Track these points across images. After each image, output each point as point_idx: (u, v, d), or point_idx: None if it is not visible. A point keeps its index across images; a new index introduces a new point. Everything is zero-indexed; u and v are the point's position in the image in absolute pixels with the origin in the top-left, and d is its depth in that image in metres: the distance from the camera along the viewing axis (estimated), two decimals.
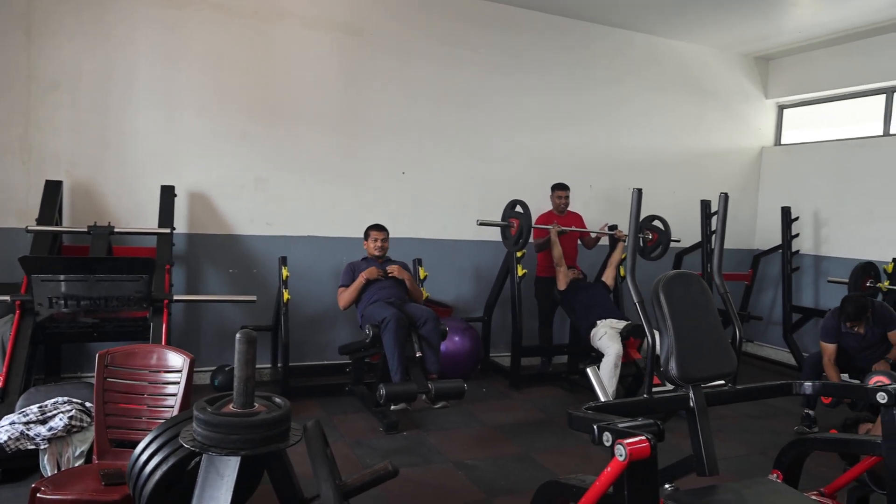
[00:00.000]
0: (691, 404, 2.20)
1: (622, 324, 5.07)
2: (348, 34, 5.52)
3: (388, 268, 4.84)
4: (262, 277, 5.33)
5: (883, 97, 6.67)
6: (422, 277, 5.25)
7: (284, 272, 4.94)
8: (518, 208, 5.35)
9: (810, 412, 4.80)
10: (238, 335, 1.83)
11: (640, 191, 2.27)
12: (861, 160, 6.62)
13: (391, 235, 5.03)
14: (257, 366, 5.33)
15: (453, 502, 3.46)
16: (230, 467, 1.77)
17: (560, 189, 5.84)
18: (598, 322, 5.10)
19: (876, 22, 6.16)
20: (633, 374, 5.12)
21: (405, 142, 5.80)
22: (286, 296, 4.87)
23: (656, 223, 5.47)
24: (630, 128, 6.81)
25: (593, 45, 6.56)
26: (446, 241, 6.00)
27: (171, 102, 5.02)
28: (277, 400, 1.96)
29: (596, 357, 5.10)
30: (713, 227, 6.33)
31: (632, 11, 6.19)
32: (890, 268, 5.89)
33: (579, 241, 6.01)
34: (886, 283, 5.85)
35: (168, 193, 4.77)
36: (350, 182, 5.62)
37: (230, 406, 1.86)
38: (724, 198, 2.42)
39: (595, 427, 1.70)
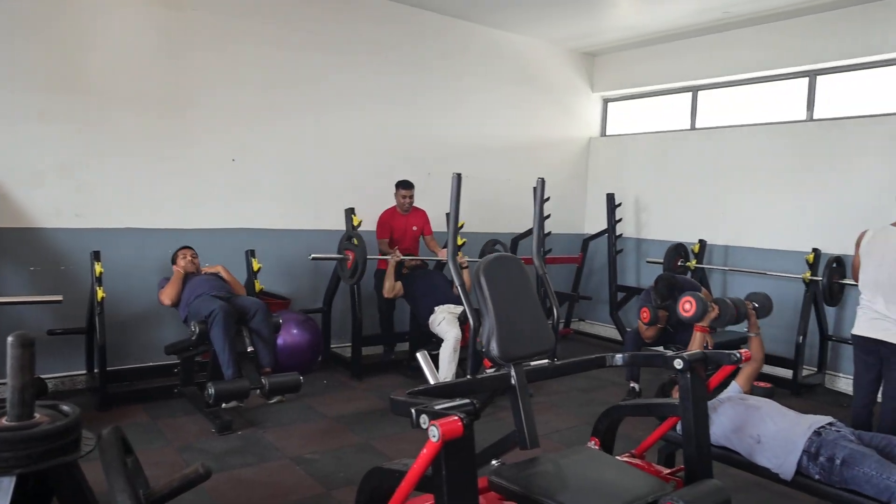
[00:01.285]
0: (513, 382, 2.26)
1: (460, 309, 5.17)
2: (167, 7, 5.11)
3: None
4: (73, 275, 4.83)
5: (690, 94, 7.33)
6: (255, 269, 5.02)
7: (98, 268, 4.50)
8: (354, 241, 5.24)
9: (635, 385, 5.17)
10: (10, 339, 1.60)
11: (459, 175, 2.29)
12: (673, 151, 7.24)
13: (220, 226, 4.74)
14: (71, 374, 4.87)
15: (290, 499, 3.34)
16: (2, 489, 1.54)
17: (404, 188, 5.78)
18: (436, 308, 5.16)
19: (683, 27, 6.74)
20: None
21: (235, 127, 5.49)
22: (100, 294, 4.44)
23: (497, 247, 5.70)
24: (468, 116, 6.95)
25: (431, 34, 6.60)
26: (282, 230, 5.79)
27: None
28: (65, 408, 1.75)
29: (437, 343, 5.17)
30: (545, 213, 6.64)
31: (469, 1, 6.26)
32: (696, 248, 6.51)
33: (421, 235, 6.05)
34: (694, 262, 6.46)
35: None
36: (174, 169, 5.23)
37: (2, 420, 1.63)
38: (541, 182, 2.52)
39: (413, 410, 1.68)
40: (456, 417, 1.55)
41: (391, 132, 6.37)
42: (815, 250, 5.66)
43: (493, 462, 2.36)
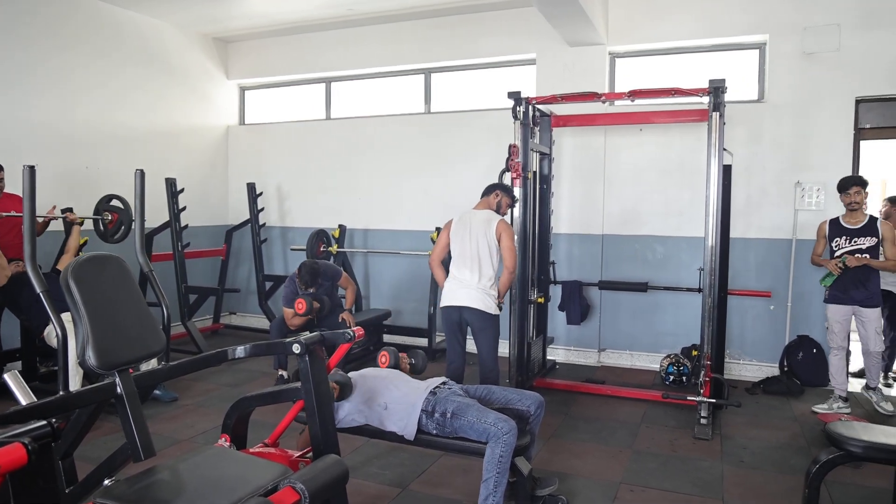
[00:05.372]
0: (119, 391, 2.08)
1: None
2: None
3: None
4: None
5: (324, 85, 7.59)
6: None
7: None
8: None
9: (283, 373, 5.23)
10: None
11: (32, 168, 2.00)
12: (311, 140, 7.45)
13: None
14: None
15: None
16: None
17: None
18: None
19: (314, 19, 6.92)
20: None
21: None
22: None
23: (115, 203, 5.11)
24: (84, 101, 6.17)
25: (34, 4, 5.69)
26: None
27: None
28: None
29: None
30: (181, 206, 6.27)
31: None
32: (336, 234, 6.81)
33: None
34: (336, 247, 6.75)
35: None
36: None
37: None
38: (140, 175, 2.35)
39: None
40: (18, 444, 1.35)
41: None
42: (437, 229, 6.34)
43: (106, 481, 2.15)
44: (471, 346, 4.38)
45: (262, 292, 7.09)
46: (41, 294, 1.97)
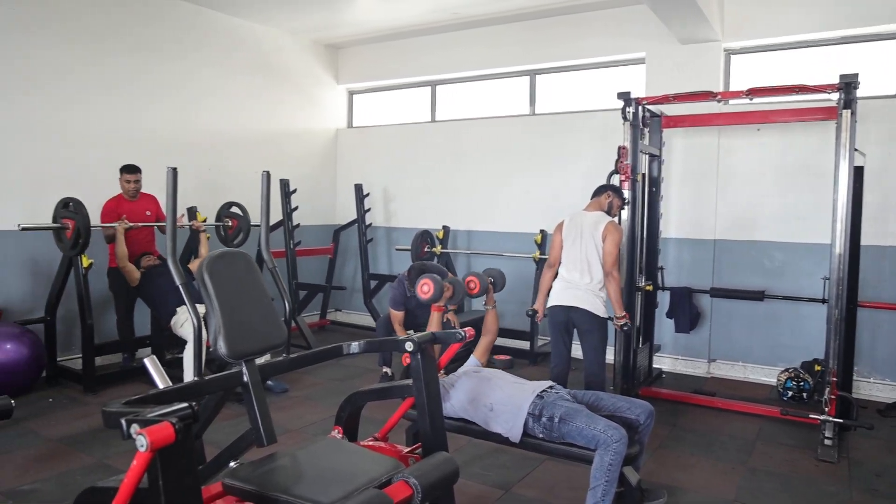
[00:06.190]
0: (245, 380, 2.20)
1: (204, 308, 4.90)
2: None
3: None
4: None
5: (429, 89, 7.71)
6: None
7: None
8: (72, 207, 4.73)
9: (388, 370, 5.34)
10: None
11: (174, 170, 2.16)
12: (416, 142, 7.58)
13: None
14: None
15: None
16: None
17: (129, 172, 5.33)
18: (178, 309, 4.84)
19: (419, 24, 7.05)
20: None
21: None
22: None
23: (235, 210, 5.41)
24: (205, 107, 6.59)
25: (159, 16, 6.13)
26: None
27: None
28: None
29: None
30: (293, 205, 6.55)
31: None
32: (440, 234, 6.89)
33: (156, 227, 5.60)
34: (439, 248, 6.84)
35: None
36: None
37: None
38: (266, 176, 2.48)
39: (122, 421, 1.54)
40: (167, 423, 1.45)
41: (119, 123, 5.82)
42: (542, 231, 6.30)
43: (232, 464, 2.28)
44: (575, 352, 4.31)
45: (367, 291, 7.28)
46: (180, 286, 2.11)
